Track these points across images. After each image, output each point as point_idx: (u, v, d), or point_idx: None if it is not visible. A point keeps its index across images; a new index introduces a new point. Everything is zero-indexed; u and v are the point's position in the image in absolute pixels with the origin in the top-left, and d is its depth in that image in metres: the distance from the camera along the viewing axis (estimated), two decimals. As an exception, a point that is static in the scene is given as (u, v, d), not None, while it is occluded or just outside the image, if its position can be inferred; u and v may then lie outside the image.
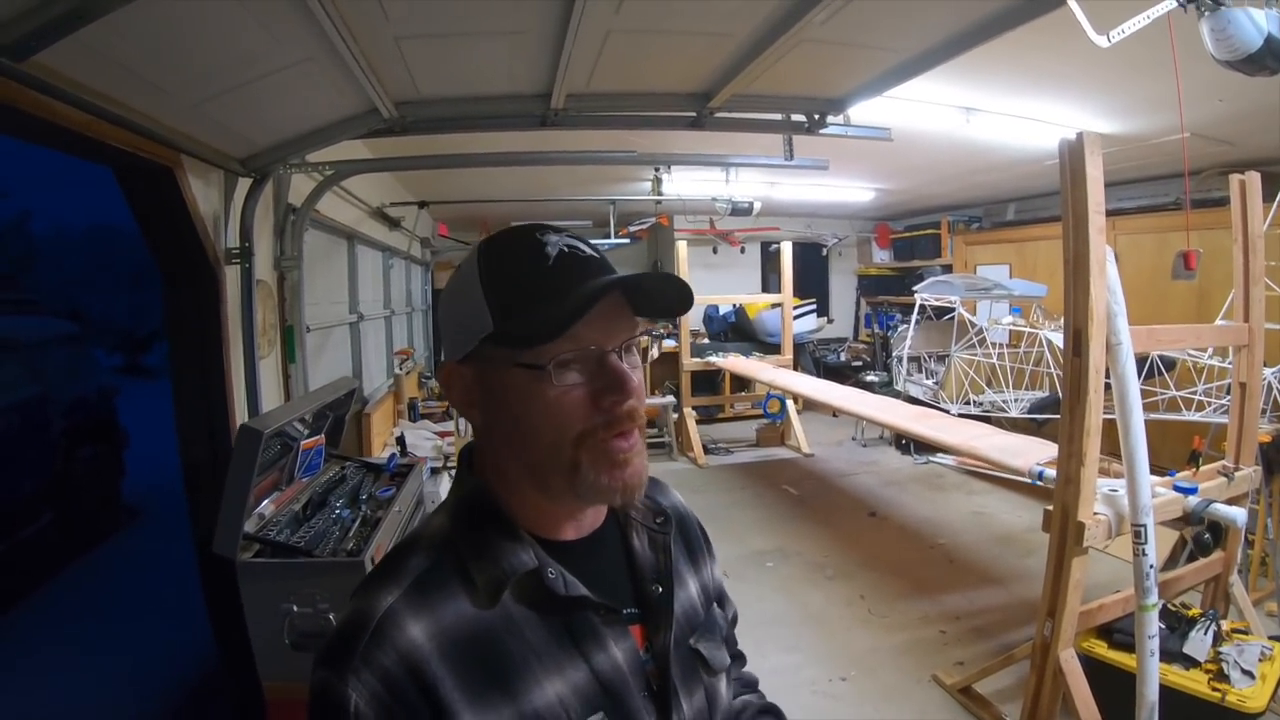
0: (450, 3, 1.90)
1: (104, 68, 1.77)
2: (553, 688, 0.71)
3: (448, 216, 8.43)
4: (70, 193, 24.30)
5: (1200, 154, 4.62)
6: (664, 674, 0.81)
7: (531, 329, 0.72)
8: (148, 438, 6.68)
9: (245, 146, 2.79)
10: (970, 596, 4.09)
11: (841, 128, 3.18)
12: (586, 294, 0.71)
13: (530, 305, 0.74)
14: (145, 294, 19.82)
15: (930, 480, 6.48)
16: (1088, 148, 2.37)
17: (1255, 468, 2.87)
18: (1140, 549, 2.38)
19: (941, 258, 8.90)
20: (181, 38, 1.78)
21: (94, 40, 1.57)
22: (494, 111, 2.80)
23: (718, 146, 4.16)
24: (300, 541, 2.23)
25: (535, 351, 0.73)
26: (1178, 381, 4.17)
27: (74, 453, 5.54)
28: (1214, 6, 1.94)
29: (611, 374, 0.74)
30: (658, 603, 0.84)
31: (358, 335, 5.11)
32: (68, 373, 5.74)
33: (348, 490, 2.73)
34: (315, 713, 0.69)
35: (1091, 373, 2.39)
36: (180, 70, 1.96)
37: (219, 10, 1.70)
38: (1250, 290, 2.81)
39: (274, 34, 1.90)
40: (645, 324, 0.81)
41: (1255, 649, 2.52)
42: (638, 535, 0.89)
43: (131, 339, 18.99)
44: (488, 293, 0.76)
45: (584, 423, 0.74)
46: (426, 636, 0.69)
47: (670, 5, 1.97)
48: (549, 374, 0.73)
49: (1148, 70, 3.05)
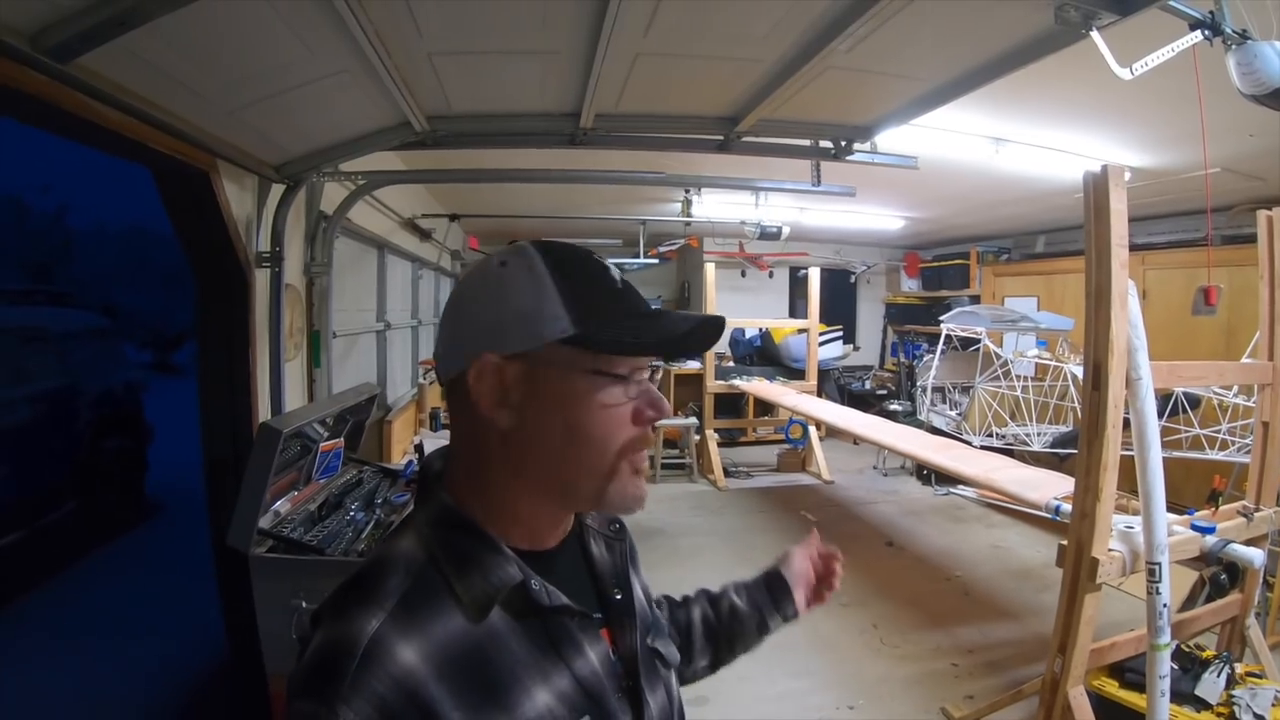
0: (481, 23, 1.96)
1: (145, 72, 1.84)
2: (542, 697, 0.72)
3: (479, 230, 8.54)
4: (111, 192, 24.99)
5: (1231, 189, 4.57)
6: (633, 674, 0.83)
7: (622, 341, 0.76)
8: (173, 434, 6.79)
9: (279, 153, 2.87)
10: (984, 630, 4.04)
11: (868, 155, 3.21)
12: (687, 324, 0.79)
13: (617, 319, 0.77)
14: (177, 294, 20.25)
15: (950, 512, 6.41)
16: (1111, 180, 2.36)
17: (1276, 509, 2.82)
18: (1154, 588, 2.34)
19: (970, 288, 8.85)
20: (220, 46, 1.85)
21: (136, 45, 1.64)
22: (524, 129, 2.86)
23: (746, 170, 4.20)
24: (313, 540, 2.28)
25: (612, 361, 0.76)
26: (1202, 420, 4.11)
27: (99, 444, 5.67)
28: (1240, 40, 1.94)
29: (653, 393, 0.80)
30: (620, 606, 0.87)
31: (384, 343, 5.20)
32: (96, 366, 5.88)
33: (363, 494, 2.78)
34: None
35: (1110, 407, 2.37)
36: (218, 77, 2.04)
37: (258, 21, 1.77)
38: (1276, 328, 2.78)
39: (309, 45, 1.96)
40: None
41: (1269, 694, 2.47)
42: (595, 543, 0.91)
43: (162, 337, 19.41)
44: (565, 296, 0.76)
45: (628, 436, 0.78)
46: (421, 659, 0.67)
47: (697, 31, 2.01)
48: (614, 384, 0.76)
49: (1177, 104, 3.04)
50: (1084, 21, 1.76)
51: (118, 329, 7.23)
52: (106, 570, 5.07)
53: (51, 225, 22.73)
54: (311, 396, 3.56)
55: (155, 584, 4.78)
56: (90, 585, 4.81)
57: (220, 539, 3.01)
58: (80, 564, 5.10)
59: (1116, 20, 1.76)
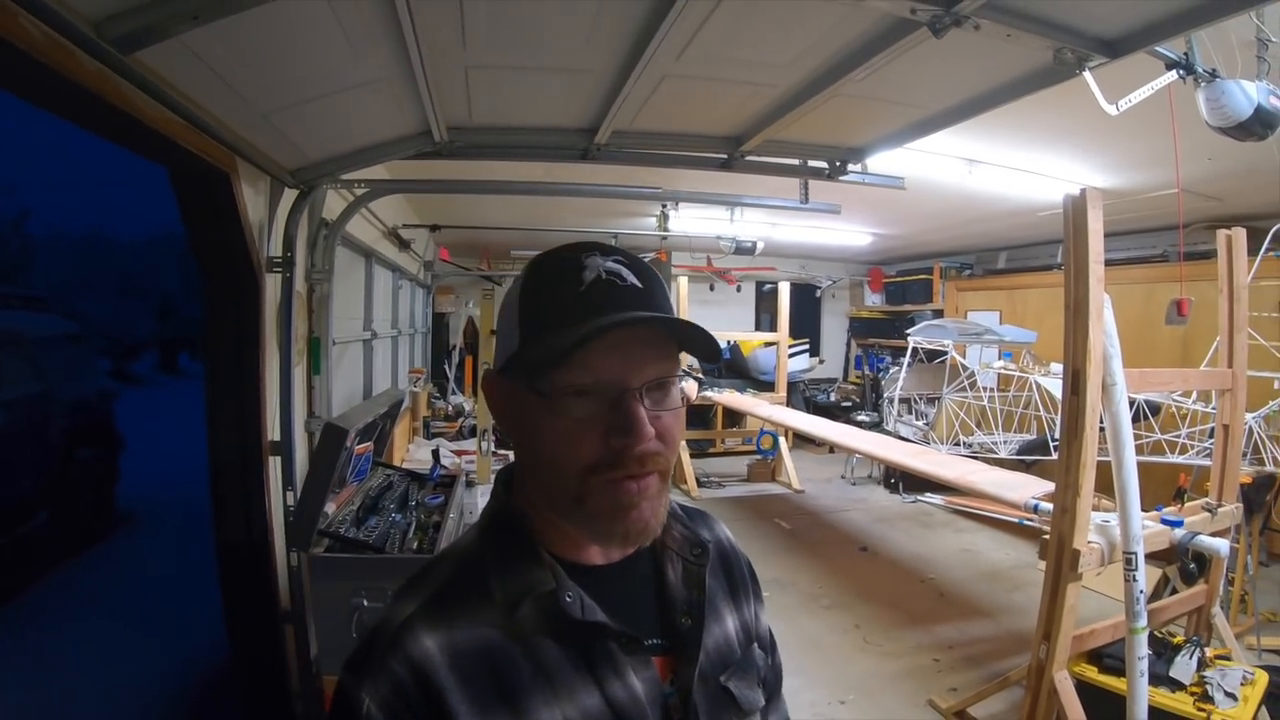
0: (527, 39, 2.04)
1: (195, 68, 1.83)
2: (561, 710, 0.71)
3: (449, 241, 8.57)
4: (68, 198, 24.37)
5: (1189, 209, 4.88)
6: (686, 708, 0.79)
7: (539, 354, 0.72)
8: (136, 444, 6.74)
9: (297, 158, 2.90)
10: (961, 628, 4.23)
11: (860, 175, 3.37)
12: (596, 327, 0.69)
13: (547, 329, 0.73)
14: (136, 302, 19.75)
15: (919, 518, 6.64)
16: (1090, 203, 2.56)
17: (1237, 505, 3.05)
18: (1131, 575, 2.53)
19: (933, 303, 9.17)
20: (273, 46, 1.87)
21: (195, 41, 1.64)
22: (539, 142, 2.95)
23: (737, 187, 4.33)
24: (369, 539, 2.32)
25: (545, 378, 0.72)
26: (1162, 425, 4.37)
27: (72, 453, 5.57)
28: (1209, 78, 2.15)
29: (625, 416, 0.72)
30: (686, 635, 0.82)
31: (370, 352, 5.21)
32: (70, 373, 5.78)
33: (396, 496, 2.83)
34: (334, 713, 0.71)
35: (1088, 410, 2.56)
36: (260, 79, 2.05)
37: (315, 22, 1.79)
38: (1234, 338, 3.01)
39: (357, 51, 2.00)
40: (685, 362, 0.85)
41: (1237, 673, 2.68)
42: (672, 566, 0.86)
43: (121, 346, 18.87)
44: (522, 309, 0.77)
45: (593, 457, 0.72)
46: (439, 647, 0.70)
47: (724, 56, 2.13)
48: (556, 401, 0.72)
49: (1141, 130, 3.27)
50: (1078, 63, 1.93)
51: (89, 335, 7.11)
52: (82, 582, 5.00)
53: (11, 231, 21.97)
54: (311, 404, 3.58)
55: (132, 595, 4.75)
56: (65, 596, 4.74)
57: (225, 543, 3.05)
58: (55, 576, 5.02)
59: (1107, 62, 1.93)
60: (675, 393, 0.77)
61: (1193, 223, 5.25)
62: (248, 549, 2.99)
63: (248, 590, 3.03)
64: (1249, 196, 4.60)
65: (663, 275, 9.30)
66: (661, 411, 0.75)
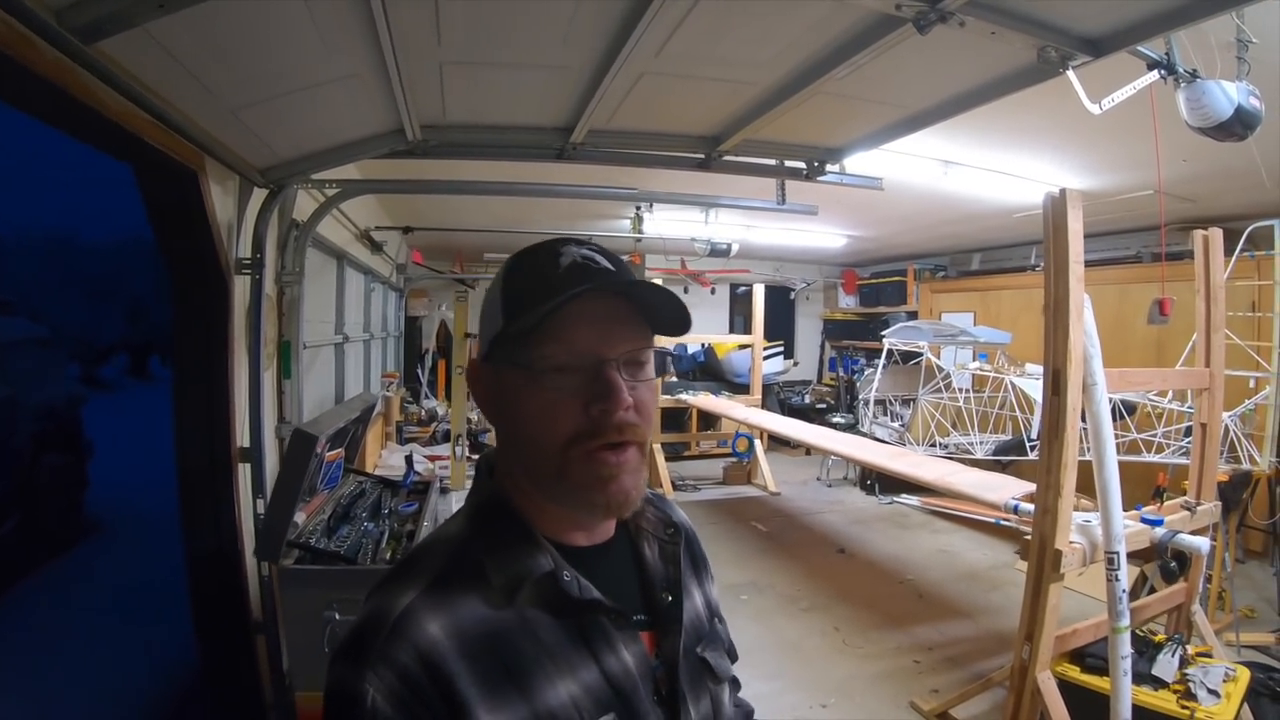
0: (504, 35, 2.00)
1: (161, 61, 1.76)
2: (565, 687, 0.74)
3: (422, 244, 8.48)
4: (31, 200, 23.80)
5: (1164, 210, 4.91)
6: (673, 679, 0.84)
7: (520, 327, 0.76)
8: (105, 450, 6.61)
9: (267, 157, 2.83)
10: (940, 629, 4.23)
11: (838, 176, 3.36)
12: (568, 294, 0.74)
13: (527, 306, 0.76)
14: (104, 305, 19.33)
15: (896, 519, 6.64)
16: (1070, 203, 2.56)
17: (1215, 503, 3.07)
18: (1113, 574, 2.54)
19: (907, 304, 9.23)
20: (243, 38, 1.81)
21: (162, 32, 1.58)
22: (514, 141, 2.90)
23: (714, 188, 4.31)
24: (340, 549, 2.25)
25: (527, 351, 0.76)
26: (1138, 425, 4.41)
27: (40, 460, 5.45)
28: (1190, 78, 2.16)
29: (604, 383, 0.75)
30: (667, 611, 0.87)
31: (342, 356, 5.13)
32: (38, 378, 5.65)
33: (368, 504, 2.75)
34: (332, 708, 0.71)
35: (1069, 410, 2.56)
36: (229, 73, 1.99)
37: (287, 14, 1.74)
38: (1212, 338, 3.03)
39: (330, 45, 1.95)
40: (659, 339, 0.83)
41: (1219, 670, 2.69)
42: (648, 545, 0.91)
43: (91, 350, 18.46)
44: (504, 294, 0.81)
45: (573, 428, 0.75)
46: (445, 634, 0.71)
47: (704, 53, 2.10)
48: (539, 374, 0.76)
49: (1116, 133, 3.30)
50: (1062, 61, 1.93)
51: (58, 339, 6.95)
52: (52, 589, 4.90)
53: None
54: (282, 409, 3.50)
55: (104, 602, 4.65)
56: (35, 604, 4.65)
57: (194, 552, 2.96)
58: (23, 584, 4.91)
59: (1091, 60, 1.93)
60: (649, 368, 0.82)
61: (1168, 224, 5.31)
62: (217, 558, 2.91)
63: (218, 600, 2.95)
64: (1222, 199, 4.67)
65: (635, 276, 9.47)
66: (637, 383, 0.78)
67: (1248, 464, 3.97)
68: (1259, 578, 4.81)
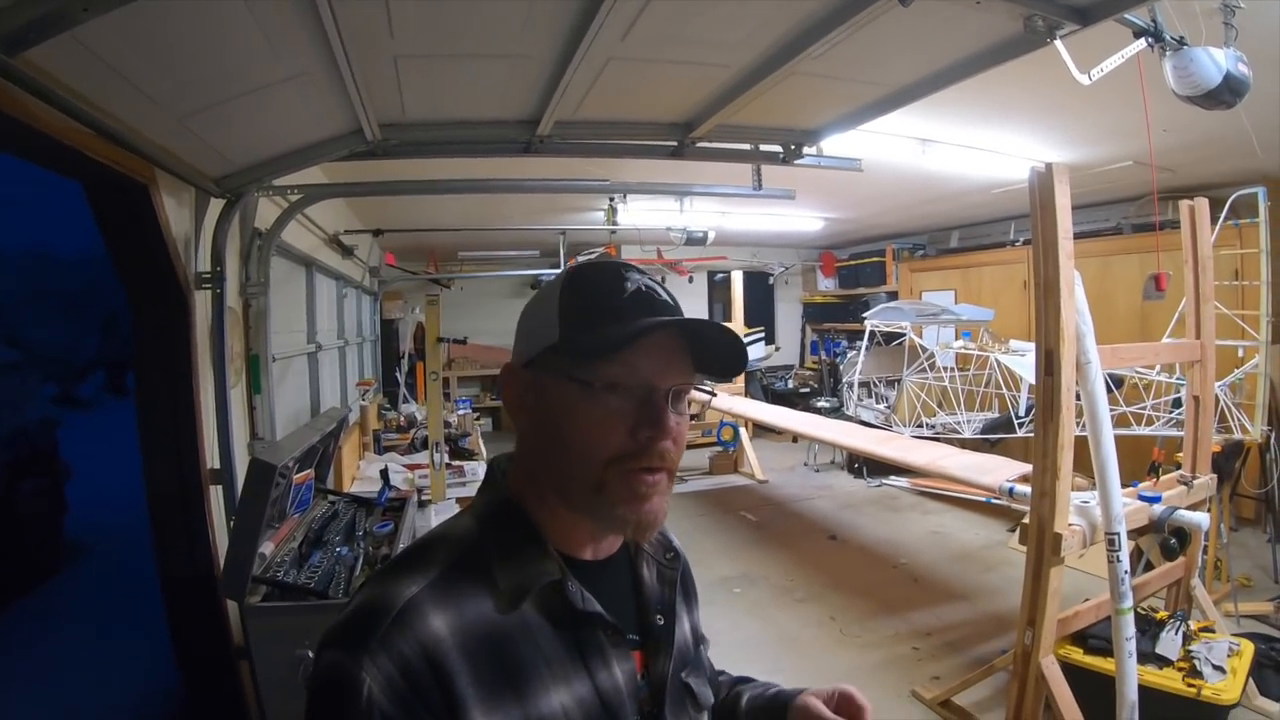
0: (459, 24, 1.89)
1: (95, 69, 1.68)
2: (558, 696, 0.73)
3: (395, 246, 8.32)
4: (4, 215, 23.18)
5: (1143, 181, 4.89)
6: (658, 701, 0.84)
7: (590, 346, 0.77)
8: (85, 471, 6.46)
9: (222, 165, 2.72)
10: (938, 613, 4.19)
11: (815, 158, 3.28)
12: (646, 325, 0.76)
13: (595, 326, 0.78)
14: (81, 322, 18.94)
15: (886, 502, 6.62)
16: (1057, 178, 2.50)
17: (1211, 475, 3.04)
18: (1114, 556, 2.49)
19: (887, 285, 9.19)
20: (180, 40, 1.72)
21: (90, 37, 1.49)
22: (478, 137, 2.80)
23: (688, 176, 4.23)
24: (310, 582, 2.14)
25: (589, 368, 0.77)
26: (1125, 398, 4.37)
27: (16, 485, 5.32)
28: (1178, 46, 2.08)
29: (654, 410, 0.77)
30: (659, 632, 0.88)
31: (315, 365, 5.00)
32: (10, 402, 5.55)
33: (341, 526, 2.63)
34: (322, 693, 0.69)
35: (1064, 390, 2.51)
36: (172, 77, 1.90)
37: (227, 14, 1.64)
38: (1201, 308, 2.99)
39: (275, 45, 1.85)
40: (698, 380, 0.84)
41: (1223, 645, 2.65)
42: (647, 566, 0.92)
43: (68, 369, 18.05)
44: (562, 308, 0.81)
45: (618, 448, 0.77)
46: (449, 630, 0.70)
47: (672, 35, 2.01)
48: (596, 392, 0.77)
49: (1095, 104, 3.24)
50: (1049, 30, 1.85)
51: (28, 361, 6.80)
52: (36, 616, 4.82)
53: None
54: (253, 424, 3.39)
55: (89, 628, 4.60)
56: (21, 632, 4.58)
57: (170, 578, 2.85)
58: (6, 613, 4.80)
59: (1078, 29, 1.85)
60: (687, 402, 0.84)
61: (1146, 195, 5.29)
62: (193, 583, 2.82)
63: (197, 626, 2.86)
64: (1201, 168, 4.64)
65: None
66: (679, 415, 0.80)
67: (1239, 434, 3.94)
68: (1253, 545, 4.82)
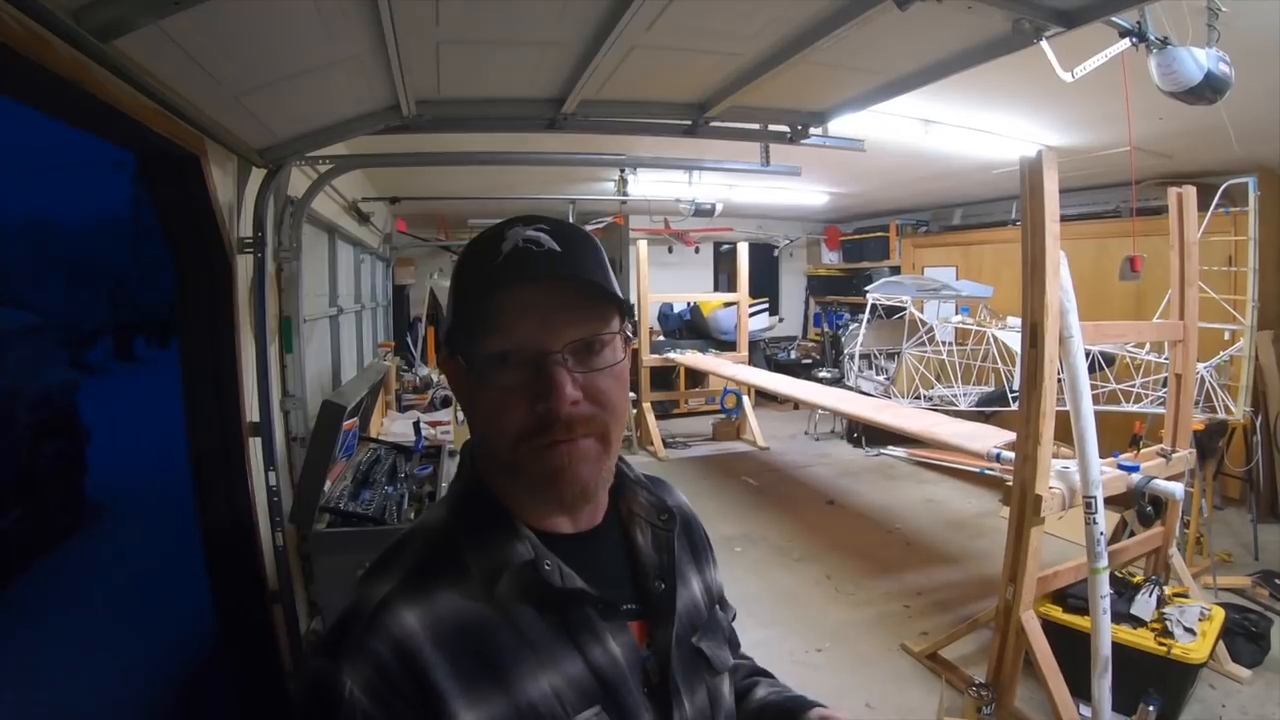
0: (499, 16, 2.05)
1: (170, 53, 1.80)
2: (547, 679, 0.72)
3: (406, 213, 8.45)
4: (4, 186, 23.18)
5: (1141, 166, 4.99)
6: (664, 671, 0.80)
7: (469, 324, 0.74)
8: (100, 435, 6.67)
9: (266, 137, 2.86)
10: (929, 575, 4.42)
11: (820, 138, 3.42)
12: (505, 289, 0.73)
13: (467, 302, 0.76)
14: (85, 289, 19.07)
15: (883, 471, 6.85)
16: (1046, 163, 2.66)
17: (1190, 450, 3.23)
18: (1091, 518, 2.68)
19: (889, 259, 9.33)
20: (248, 29, 1.85)
21: (172, 26, 1.62)
22: (507, 114, 2.94)
23: (699, 151, 4.36)
24: (368, 511, 2.35)
25: (472, 349, 0.75)
26: (1117, 376, 4.56)
27: (39, 448, 5.48)
28: (1161, 46, 2.24)
29: (544, 379, 0.72)
30: (660, 599, 0.84)
31: (336, 328, 5.18)
32: (32, 366, 5.67)
33: (385, 469, 2.85)
34: (310, 699, 0.69)
35: (1047, 362, 2.69)
36: (237, 61, 2.03)
37: (295, 8, 1.80)
38: (1186, 291, 3.16)
39: (332, 31, 1.99)
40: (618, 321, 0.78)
41: (1195, 609, 2.86)
42: (641, 532, 0.88)
43: (76, 334, 18.23)
44: (453, 287, 0.81)
45: (521, 424, 0.74)
46: (421, 625, 0.69)
47: (694, 28, 2.16)
48: (485, 371, 0.74)
49: (1094, 91, 3.35)
50: (1035, 32, 2.01)
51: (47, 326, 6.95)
52: (60, 577, 4.98)
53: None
54: (285, 384, 3.57)
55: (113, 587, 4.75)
56: (44, 594, 4.73)
57: (211, 527, 3.05)
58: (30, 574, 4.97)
59: (1063, 31, 2.01)
60: (608, 352, 0.77)
61: (1144, 179, 5.41)
62: (233, 531, 3.00)
63: (235, 573, 3.04)
64: (1198, 154, 4.77)
65: (612, 240, 9.34)
66: (590, 372, 0.75)
67: (1223, 414, 4.12)
68: (1236, 524, 4.99)
